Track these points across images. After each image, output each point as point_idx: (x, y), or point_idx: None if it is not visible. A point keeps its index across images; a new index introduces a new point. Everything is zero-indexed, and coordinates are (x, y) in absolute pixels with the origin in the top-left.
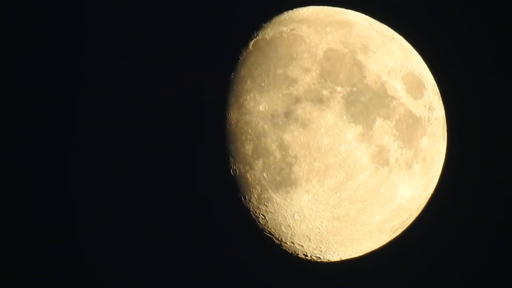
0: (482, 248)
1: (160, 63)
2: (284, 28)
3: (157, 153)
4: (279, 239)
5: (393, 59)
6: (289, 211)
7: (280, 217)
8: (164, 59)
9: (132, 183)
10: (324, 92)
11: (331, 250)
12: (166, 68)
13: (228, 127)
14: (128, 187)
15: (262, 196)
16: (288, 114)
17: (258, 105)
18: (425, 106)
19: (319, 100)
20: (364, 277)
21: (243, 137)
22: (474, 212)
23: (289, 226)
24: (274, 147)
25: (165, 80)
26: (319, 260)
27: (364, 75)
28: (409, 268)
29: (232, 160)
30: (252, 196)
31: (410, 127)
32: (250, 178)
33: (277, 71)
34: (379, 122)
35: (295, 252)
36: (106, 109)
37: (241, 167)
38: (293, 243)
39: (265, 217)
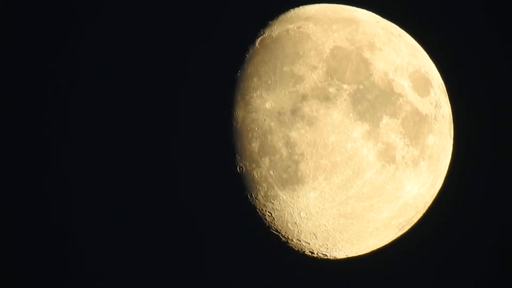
0: (489, 246)
1: (166, 61)
2: (291, 26)
3: (163, 150)
4: (286, 236)
5: (399, 56)
6: (296, 209)
7: (286, 214)
8: (169, 57)
9: (136, 181)
10: (331, 89)
11: (338, 248)
12: (172, 66)
13: (234, 124)
14: (131, 184)
15: (269, 193)
16: (294, 111)
17: (264, 103)
18: (431, 104)
19: (326, 98)
20: (371, 274)
21: (250, 135)
22: (481, 210)
23: (296, 223)
24: (280, 145)
25: (171, 77)
26: (325, 258)
27: (371, 72)
28: (415, 266)
29: (238, 158)
30: (258, 193)
31: (416, 124)
32: (256, 176)
33: (284, 69)
34: (385, 119)
35: (301, 249)
36: (110, 108)
37: (248, 164)
38: (300, 241)
39: (271, 214)
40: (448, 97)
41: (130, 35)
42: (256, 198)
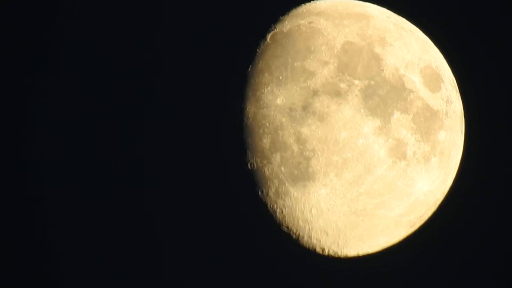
0: (501, 243)
1: (177, 57)
2: (302, 21)
3: (173, 147)
4: (296, 233)
5: (410, 52)
6: (307, 205)
7: (297, 211)
8: (180, 53)
9: (145, 178)
10: (342, 85)
11: (349, 245)
12: (182, 61)
13: (245, 120)
14: (140, 182)
15: (280, 190)
16: (305, 107)
17: (275, 99)
18: (442, 100)
19: (337, 94)
20: (381, 272)
21: (261, 131)
22: (492, 206)
23: (307, 220)
24: (291, 141)
25: (182, 73)
26: (336, 255)
27: (382, 68)
28: (426, 263)
29: (249, 154)
30: (269, 190)
31: (427, 120)
32: (267, 172)
33: (295, 64)
34: (396, 115)
35: (312, 247)
36: (117, 105)
37: (259, 161)
38: (310, 238)
39: (282, 211)
40: (459, 92)
41: (137, 31)
42: (267, 194)
